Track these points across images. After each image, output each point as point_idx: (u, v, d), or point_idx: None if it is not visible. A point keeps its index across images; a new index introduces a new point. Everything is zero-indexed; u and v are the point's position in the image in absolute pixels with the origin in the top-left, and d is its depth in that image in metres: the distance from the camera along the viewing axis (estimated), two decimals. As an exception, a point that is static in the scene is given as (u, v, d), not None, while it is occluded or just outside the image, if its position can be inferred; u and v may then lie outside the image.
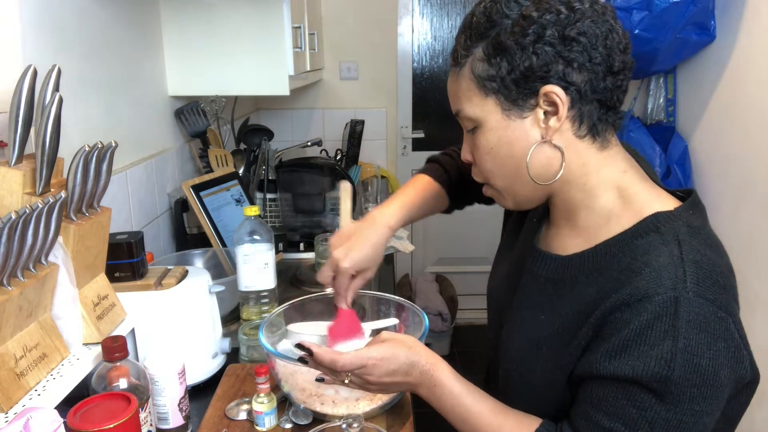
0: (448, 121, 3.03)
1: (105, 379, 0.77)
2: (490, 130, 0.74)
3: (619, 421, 0.67)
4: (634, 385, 0.66)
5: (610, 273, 0.71)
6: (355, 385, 0.82)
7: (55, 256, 0.77)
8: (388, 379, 0.79)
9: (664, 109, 1.89)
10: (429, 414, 0.83)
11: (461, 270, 3.17)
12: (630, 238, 0.71)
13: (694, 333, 0.63)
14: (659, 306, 0.64)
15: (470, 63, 0.72)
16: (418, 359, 0.79)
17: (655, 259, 0.67)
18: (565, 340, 0.74)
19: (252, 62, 1.68)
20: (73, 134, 1.14)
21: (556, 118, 0.70)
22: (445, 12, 2.94)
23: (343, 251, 0.93)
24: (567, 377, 0.74)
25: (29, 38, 1.03)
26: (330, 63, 2.88)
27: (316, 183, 1.79)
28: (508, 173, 0.75)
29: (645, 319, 0.65)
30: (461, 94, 0.75)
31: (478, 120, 0.74)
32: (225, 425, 0.92)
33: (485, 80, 0.71)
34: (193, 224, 1.64)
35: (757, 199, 1.52)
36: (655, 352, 0.64)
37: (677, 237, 0.69)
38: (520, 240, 0.91)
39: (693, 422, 0.65)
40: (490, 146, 0.74)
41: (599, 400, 0.69)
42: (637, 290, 0.66)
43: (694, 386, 0.64)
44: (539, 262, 0.81)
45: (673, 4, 1.54)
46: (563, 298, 0.76)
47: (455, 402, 0.77)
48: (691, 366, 0.63)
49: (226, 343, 1.10)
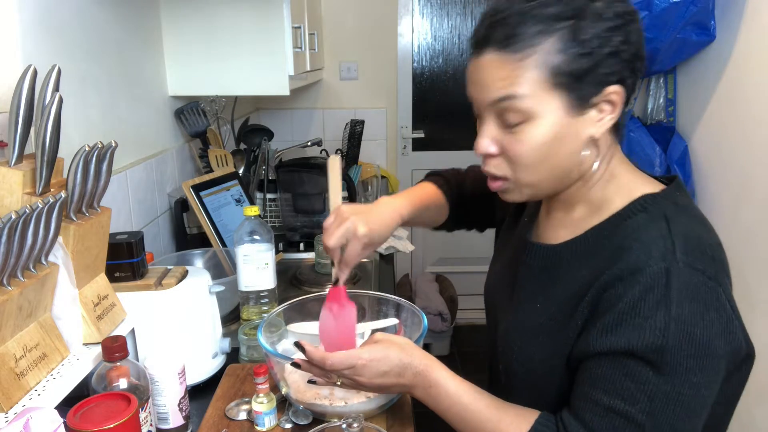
0: (448, 120, 3.06)
1: (105, 379, 0.77)
2: (547, 125, 0.70)
3: (618, 397, 0.67)
4: (630, 358, 0.66)
5: (602, 253, 0.73)
6: (348, 387, 0.82)
7: (55, 256, 0.77)
8: (380, 380, 0.78)
9: (664, 109, 1.89)
10: (429, 414, 0.83)
11: (461, 270, 3.17)
12: (620, 220, 0.74)
13: (687, 302, 0.65)
14: (650, 277, 0.66)
15: (541, 54, 0.67)
16: (410, 361, 0.78)
17: (644, 234, 0.70)
18: (562, 324, 0.74)
19: (252, 62, 1.68)
20: (73, 134, 1.14)
21: (611, 117, 0.71)
22: (445, 12, 2.94)
23: (362, 218, 0.88)
24: (566, 362, 0.74)
25: (29, 38, 1.03)
26: (330, 63, 2.88)
27: (316, 183, 1.79)
28: (546, 169, 0.73)
29: (637, 291, 0.66)
30: (520, 82, 0.68)
31: (534, 113, 0.69)
32: (225, 425, 0.92)
33: (558, 74, 0.68)
34: (193, 224, 1.64)
35: (757, 198, 1.52)
36: (649, 322, 0.65)
37: (664, 214, 0.72)
38: (514, 238, 0.92)
39: (692, 395, 0.65)
40: (542, 141, 0.70)
41: (597, 378, 0.69)
42: (628, 264, 0.68)
43: (690, 356, 0.64)
44: (533, 253, 0.83)
45: (673, 4, 1.54)
46: (557, 284, 0.77)
47: (452, 401, 0.77)
48: (685, 335, 0.64)
49: (226, 343, 1.10)
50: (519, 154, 0.72)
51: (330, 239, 0.87)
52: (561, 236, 0.80)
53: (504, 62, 0.69)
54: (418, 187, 1.07)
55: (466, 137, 3.18)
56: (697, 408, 0.66)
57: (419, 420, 1.01)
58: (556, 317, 0.76)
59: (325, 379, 0.82)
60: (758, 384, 1.23)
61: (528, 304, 0.81)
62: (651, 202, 0.73)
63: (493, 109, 0.72)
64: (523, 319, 0.81)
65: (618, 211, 0.74)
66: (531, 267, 0.83)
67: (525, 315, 0.81)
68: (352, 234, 0.87)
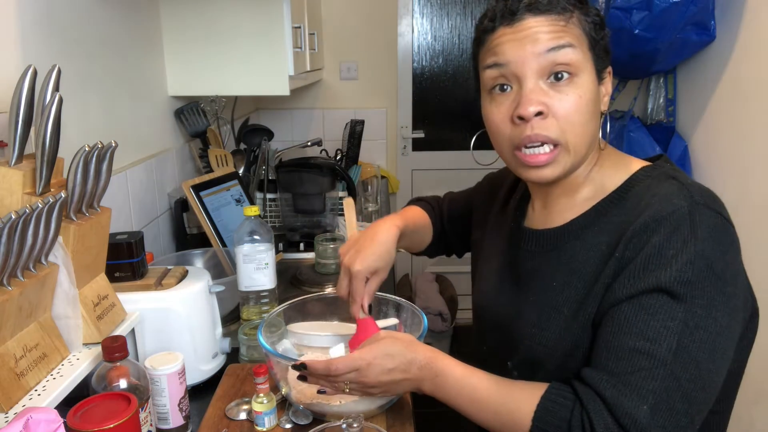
0: (448, 121, 3.06)
1: (105, 379, 0.77)
2: (590, 82, 0.76)
3: (643, 337, 0.67)
4: (656, 296, 0.67)
5: (617, 218, 0.76)
6: (357, 392, 0.82)
7: (55, 256, 0.77)
8: (387, 378, 0.79)
9: (664, 109, 1.89)
10: (429, 414, 0.83)
11: (461, 270, 3.17)
12: (627, 189, 0.79)
13: (710, 240, 0.68)
14: (675, 219, 0.69)
15: (579, 17, 0.76)
16: (414, 356, 0.79)
17: (661, 190, 0.74)
18: (586, 290, 0.76)
19: (252, 62, 1.68)
20: (73, 134, 1.14)
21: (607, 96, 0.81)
22: (445, 12, 2.95)
23: (353, 255, 0.92)
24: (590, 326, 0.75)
25: (29, 38, 1.03)
26: (330, 63, 2.88)
27: (316, 183, 1.79)
28: (588, 131, 0.77)
29: (664, 234, 0.69)
30: (572, 35, 0.75)
31: (580, 68, 0.75)
32: (225, 425, 0.92)
33: (590, 38, 0.76)
34: (193, 224, 1.64)
35: (757, 198, 1.52)
36: (677, 258, 0.67)
37: (669, 175, 0.77)
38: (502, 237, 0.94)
39: (716, 332, 0.66)
40: (587, 98, 0.75)
41: (620, 324, 0.69)
42: (653, 214, 0.71)
43: (714, 290, 0.67)
44: (536, 240, 0.85)
45: (673, 4, 1.54)
46: (572, 257, 0.79)
47: (461, 385, 0.77)
48: (709, 270, 0.67)
49: (226, 343, 1.10)
50: (570, 110, 0.75)
51: (337, 289, 0.95)
52: (565, 218, 0.83)
53: (551, 21, 0.74)
54: (405, 209, 1.13)
55: (466, 137, 3.20)
56: (720, 348, 0.67)
57: (419, 420, 1.01)
58: (579, 286, 0.77)
59: (332, 388, 0.82)
60: (758, 384, 1.23)
61: (542, 286, 0.82)
62: (651, 171, 0.79)
63: (544, 62, 0.74)
64: (540, 301, 0.81)
65: (621, 185, 0.80)
66: (536, 253, 0.85)
67: (542, 297, 0.81)
68: (351, 274, 0.92)
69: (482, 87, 0.81)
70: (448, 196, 1.17)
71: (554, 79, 0.74)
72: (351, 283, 0.93)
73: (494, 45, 0.77)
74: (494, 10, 0.77)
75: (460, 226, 1.12)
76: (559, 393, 0.71)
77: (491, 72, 0.77)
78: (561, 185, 0.83)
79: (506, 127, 0.77)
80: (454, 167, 3.03)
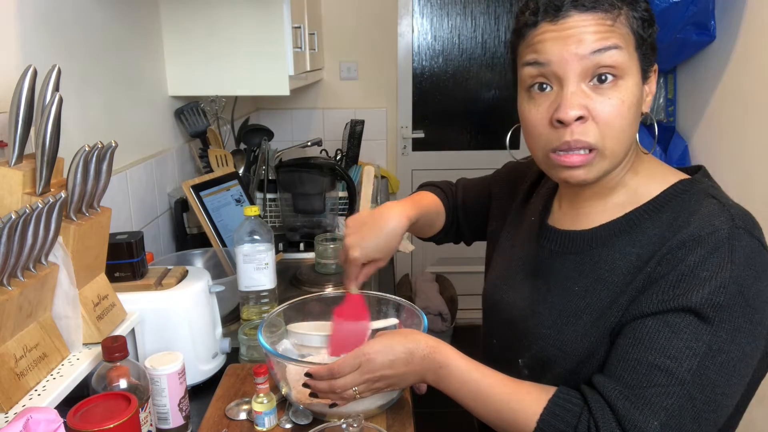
0: (448, 121, 3.06)
1: (105, 379, 0.77)
2: (633, 85, 0.72)
3: (664, 355, 0.66)
4: (684, 315, 0.66)
5: (651, 231, 0.74)
6: (367, 392, 0.82)
7: (55, 256, 0.77)
8: (390, 371, 0.78)
9: (664, 109, 1.89)
10: (429, 414, 0.83)
11: (461, 270, 3.17)
12: (663, 201, 0.76)
13: (745, 266, 0.66)
14: (715, 241, 0.67)
15: (628, 14, 0.71)
16: (415, 345, 0.78)
17: (700, 208, 0.72)
18: (610, 300, 0.74)
19: (252, 62, 1.67)
20: (73, 134, 1.14)
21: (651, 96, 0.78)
22: (445, 12, 2.94)
23: (356, 240, 0.91)
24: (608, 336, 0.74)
25: (29, 38, 1.03)
26: (330, 63, 2.88)
27: (316, 183, 1.79)
28: (627, 137, 0.74)
29: (701, 254, 0.67)
30: (619, 35, 0.71)
31: (625, 70, 0.71)
32: (225, 425, 0.92)
33: (638, 37, 0.72)
34: (193, 224, 1.64)
35: (757, 198, 1.52)
36: (711, 281, 0.66)
37: (708, 193, 0.74)
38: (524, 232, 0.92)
39: (738, 357, 0.66)
40: (631, 102, 0.72)
41: (642, 338, 0.68)
42: (691, 233, 0.69)
43: (742, 318, 0.65)
44: (560, 240, 0.83)
45: (673, 4, 1.54)
46: (598, 264, 0.77)
47: (464, 379, 0.76)
48: (740, 296, 0.65)
49: (226, 343, 1.10)
50: (611, 115, 0.71)
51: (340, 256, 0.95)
52: (594, 222, 0.81)
53: (598, 20, 0.70)
54: (417, 194, 1.09)
55: (466, 137, 3.20)
56: (738, 374, 0.66)
57: (419, 420, 1.01)
58: (602, 296, 0.75)
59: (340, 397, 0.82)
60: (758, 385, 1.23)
61: (562, 290, 0.80)
62: (690, 185, 0.76)
63: (588, 64, 0.70)
64: (559, 304, 0.80)
65: (658, 195, 0.77)
66: (559, 253, 0.82)
67: (560, 299, 0.80)
68: (346, 257, 0.92)
69: (520, 83, 0.78)
70: (462, 183, 1.13)
71: (597, 81, 0.71)
72: (347, 265, 0.93)
73: (536, 41, 0.72)
74: (537, 3, 0.72)
75: (474, 215, 1.09)
76: (567, 398, 0.71)
77: (530, 70, 0.74)
78: (592, 187, 0.80)
79: (544, 129, 0.74)
80: (454, 167, 3.03)
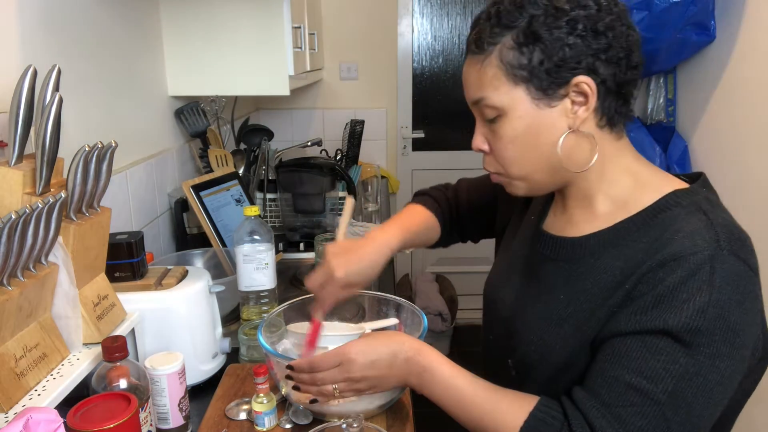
0: (448, 121, 3.06)
1: (105, 379, 0.77)
2: (518, 119, 0.73)
3: (641, 375, 0.66)
4: (662, 337, 0.66)
5: (637, 245, 0.73)
6: (349, 392, 0.82)
7: (55, 256, 0.77)
8: (372, 372, 0.78)
9: (664, 109, 1.89)
10: (429, 414, 0.83)
11: (461, 270, 3.17)
12: (653, 213, 0.74)
13: (728, 289, 0.65)
14: (696, 263, 0.66)
15: (498, 51, 0.72)
16: (399, 347, 0.78)
17: (686, 225, 0.70)
18: (591, 313, 0.74)
19: (252, 62, 1.67)
20: (73, 134, 1.14)
21: (584, 108, 0.72)
22: (445, 12, 2.94)
23: (341, 261, 0.90)
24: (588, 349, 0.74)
25: (29, 38, 1.03)
26: (330, 63, 2.88)
27: (316, 183, 1.79)
28: (530, 162, 0.76)
29: (680, 276, 0.66)
30: (486, 81, 0.74)
31: (504, 108, 0.73)
32: (225, 425, 0.92)
33: (516, 68, 0.71)
34: (193, 224, 1.64)
35: (757, 198, 1.52)
36: (689, 304, 0.65)
37: (700, 207, 0.72)
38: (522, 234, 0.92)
39: (716, 381, 0.65)
40: (515, 134, 0.74)
41: (620, 356, 0.68)
42: (673, 252, 0.68)
43: (722, 342, 0.65)
44: (551, 246, 0.83)
45: (673, 4, 1.54)
46: (584, 275, 0.77)
47: (446, 385, 0.76)
48: (721, 320, 0.65)
49: (226, 343, 1.10)
50: (500, 149, 0.76)
51: (308, 280, 0.93)
52: (583, 230, 0.80)
53: (474, 64, 0.75)
54: (406, 211, 1.07)
55: (466, 137, 3.19)
56: (717, 396, 0.66)
57: (419, 420, 1.01)
58: (584, 307, 0.75)
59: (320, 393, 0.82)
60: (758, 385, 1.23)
61: (548, 296, 0.81)
62: (683, 197, 0.74)
63: (476, 108, 0.77)
64: (544, 310, 0.80)
65: (649, 206, 0.75)
66: (549, 259, 0.83)
67: (545, 306, 0.80)
68: (330, 277, 0.90)
69: None
70: (465, 183, 1.13)
71: (489, 121, 0.76)
72: (326, 286, 0.91)
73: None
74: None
75: (480, 214, 1.08)
76: (547, 411, 0.71)
77: None
78: (572, 195, 0.81)
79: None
80: (454, 167, 3.02)
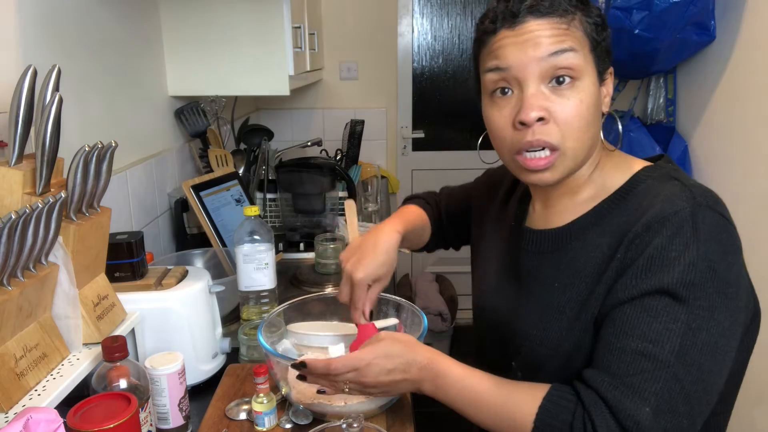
0: (448, 121, 3.06)
1: (105, 379, 0.77)
2: (591, 86, 0.75)
3: (646, 339, 0.67)
4: (659, 297, 0.67)
5: (619, 218, 0.76)
6: (357, 392, 0.82)
7: (55, 256, 0.77)
8: (386, 378, 0.79)
9: (664, 109, 1.89)
10: (429, 414, 0.83)
11: (461, 270, 3.17)
12: (628, 189, 0.78)
13: (712, 242, 0.68)
14: (679, 221, 0.69)
15: (581, 19, 0.75)
16: (414, 357, 0.79)
17: (663, 191, 0.74)
18: (588, 291, 0.76)
19: (252, 62, 1.68)
20: (73, 134, 1.14)
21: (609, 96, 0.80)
22: (445, 12, 2.94)
23: (355, 262, 0.92)
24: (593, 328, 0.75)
25: (29, 38, 1.03)
26: (330, 63, 2.88)
27: (316, 183, 1.79)
28: (587, 136, 0.76)
29: (666, 235, 0.69)
30: (575, 38, 0.74)
31: (582, 72, 0.74)
32: (225, 425, 0.92)
33: (592, 40, 0.75)
34: (193, 224, 1.64)
35: (757, 198, 1.52)
36: (679, 260, 0.67)
37: (670, 175, 0.77)
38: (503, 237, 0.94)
39: (718, 333, 0.66)
40: (588, 102, 0.74)
41: (622, 326, 0.69)
42: (655, 214, 0.71)
43: (716, 293, 0.66)
44: (537, 240, 0.85)
45: (673, 4, 1.54)
46: (574, 258, 0.79)
47: (461, 386, 0.77)
48: (711, 272, 0.67)
49: (226, 343, 1.10)
50: (571, 115, 0.74)
51: (339, 295, 0.96)
52: (565, 219, 0.83)
53: (553, 24, 0.73)
54: (401, 210, 1.11)
55: (466, 137, 3.20)
56: (722, 348, 0.67)
57: (419, 420, 1.01)
58: (581, 288, 0.77)
59: (332, 388, 0.82)
60: (758, 384, 1.23)
61: (544, 288, 0.82)
62: (652, 171, 0.79)
63: (546, 66, 0.73)
64: (542, 303, 0.81)
65: (623, 185, 0.79)
66: (537, 254, 0.84)
67: (543, 298, 0.81)
68: (353, 282, 0.92)
69: (483, 89, 0.80)
70: (446, 191, 1.17)
71: (556, 83, 0.73)
72: (353, 291, 0.93)
73: (495, 48, 0.75)
74: (495, 11, 0.75)
75: (458, 223, 1.12)
76: (560, 395, 0.71)
77: (492, 75, 0.76)
78: (562, 186, 0.82)
79: (507, 132, 0.77)
80: (454, 167, 3.03)
